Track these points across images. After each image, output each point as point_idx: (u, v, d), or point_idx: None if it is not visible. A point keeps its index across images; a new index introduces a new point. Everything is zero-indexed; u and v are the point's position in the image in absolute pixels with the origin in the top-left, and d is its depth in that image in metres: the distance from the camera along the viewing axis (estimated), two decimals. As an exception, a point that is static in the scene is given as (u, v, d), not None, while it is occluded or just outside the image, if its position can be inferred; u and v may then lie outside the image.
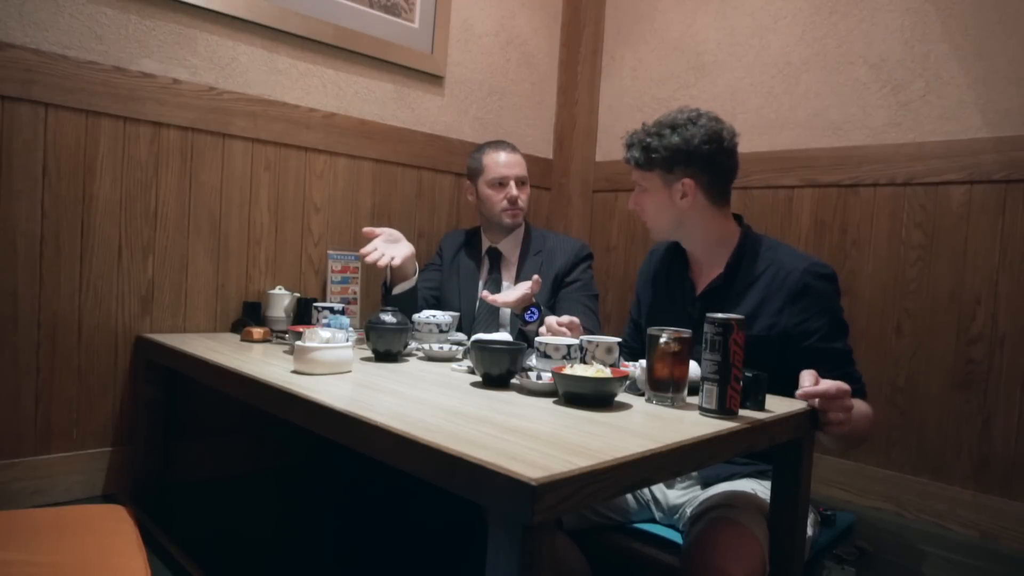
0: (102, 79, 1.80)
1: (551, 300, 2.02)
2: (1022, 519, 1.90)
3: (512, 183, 2.08)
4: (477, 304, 2.11)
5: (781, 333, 1.40)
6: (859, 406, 1.35)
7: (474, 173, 2.16)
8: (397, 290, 1.98)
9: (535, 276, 1.74)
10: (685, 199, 1.48)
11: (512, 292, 1.76)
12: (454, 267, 2.19)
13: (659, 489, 1.44)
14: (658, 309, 1.63)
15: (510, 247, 2.15)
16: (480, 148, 2.19)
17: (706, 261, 1.54)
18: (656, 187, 1.51)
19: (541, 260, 2.09)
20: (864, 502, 2.15)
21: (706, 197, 1.49)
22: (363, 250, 1.86)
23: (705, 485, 1.39)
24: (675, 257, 1.63)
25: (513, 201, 2.07)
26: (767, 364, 1.27)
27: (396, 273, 1.98)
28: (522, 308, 1.75)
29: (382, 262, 1.84)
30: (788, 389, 1.33)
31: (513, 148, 2.16)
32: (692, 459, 1.02)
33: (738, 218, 1.57)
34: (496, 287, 2.11)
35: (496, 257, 2.15)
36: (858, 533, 1.72)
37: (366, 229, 1.93)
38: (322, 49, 2.23)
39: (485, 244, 2.17)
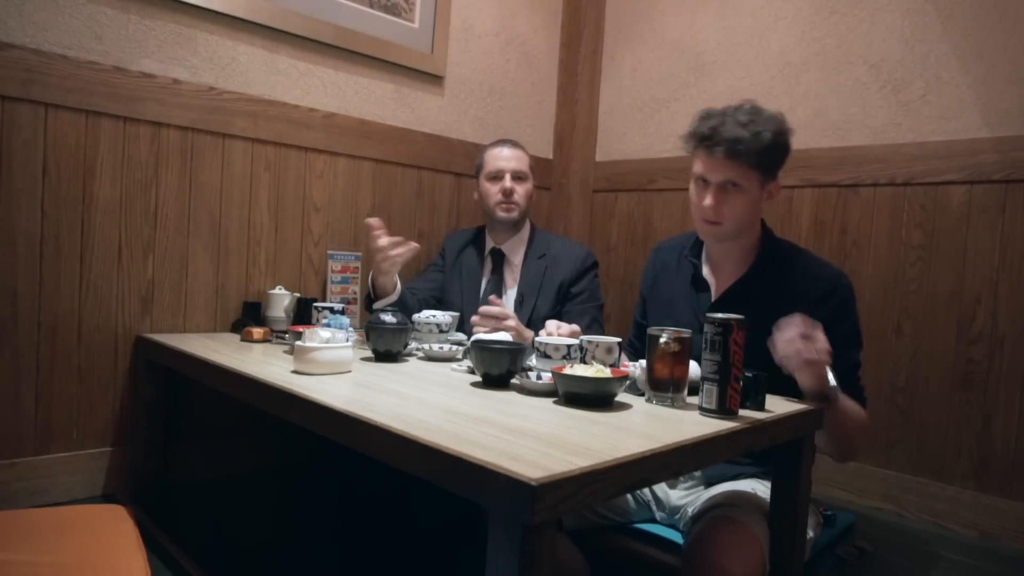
0: (102, 79, 1.80)
1: (556, 308, 2.01)
2: (1022, 519, 1.90)
3: (507, 176, 2.07)
4: (479, 305, 2.10)
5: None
6: (855, 407, 1.36)
7: (478, 170, 2.17)
8: (378, 305, 1.95)
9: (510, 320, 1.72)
10: (769, 200, 1.44)
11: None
12: (457, 267, 2.18)
13: (661, 489, 1.44)
14: (666, 308, 1.59)
15: (514, 248, 2.13)
16: (484, 147, 2.20)
17: (730, 261, 1.49)
18: (752, 185, 1.39)
19: (545, 265, 2.07)
20: (864, 502, 2.15)
21: None
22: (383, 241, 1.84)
23: (708, 485, 1.39)
24: (684, 255, 1.58)
25: (507, 193, 2.05)
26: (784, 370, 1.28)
27: (378, 287, 1.96)
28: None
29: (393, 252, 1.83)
30: (793, 391, 1.33)
31: (515, 145, 2.15)
32: (692, 459, 1.02)
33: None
34: (498, 288, 2.10)
35: (499, 258, 2.14)
36: (858, 533, 1.72)
37: (373, 222, 1.88)
38: (322, 49, 2.23)
39: (489, 244, 2.16)
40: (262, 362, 1.52)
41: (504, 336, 1.56)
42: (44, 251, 1.75)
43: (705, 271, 1.54)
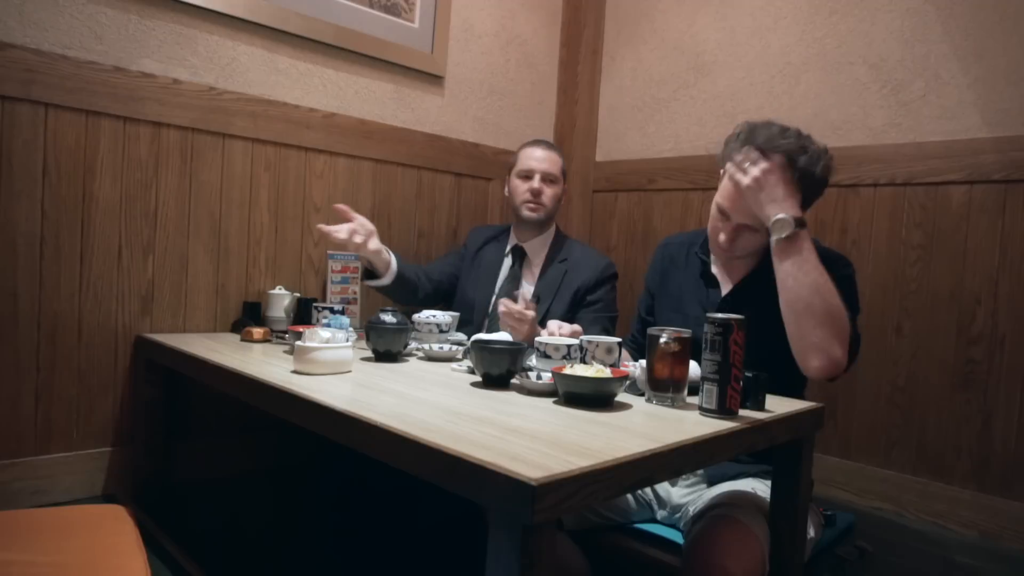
0: (102, 79, 1.80)
1: (568, 314, 1.99)
2: (1022, 519, 1.90)
3: (537, 176, 2.08)
4: (493, 299, 2.10)
5: None
6: (825, 277, 1.29)
7: (510, 167, 2.18)
8: (371, 283, 1.97)
9: (529, 310, 1.69)
10: None
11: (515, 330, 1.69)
12: (477, 260, 2.18)
13: (663, 488, 1.43)
14: (675, 303, 1.58)
15: (536, 248, 2.13)
16: (523, 145, 2.21)
17: (739, 259, 1.49)
18: None
19: (565, 269, 2.07)
20: (864, 502, 2.15)
21: None
22: (332, 229, 1.76)
23: (710, 484, 1.39)
24: (694, 251, 1.58)
25: (535, 193, 2.07)
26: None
27: (372, 267, 1.97)
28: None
29: (355, 239, 1.78)
30: (792, 389, 1.33)
31: (551, 147, 2.16)
32: (692, 459, 1.02)
33: None
34: (515, 284, 2.10)
35: (520, 255, 2.14)
36: (858, 533, 1.72)
37: (341, 207, 1.85)
38: (322, 49, 2.23)
39: (512, 241, 2.17)
40: (262, 362, 1.52)
41: (504, 336, 1.56)
42: (44, 251, 1.75)
43: (715, 268, 1.54)
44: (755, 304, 1.32)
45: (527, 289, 2.07)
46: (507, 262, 2.16)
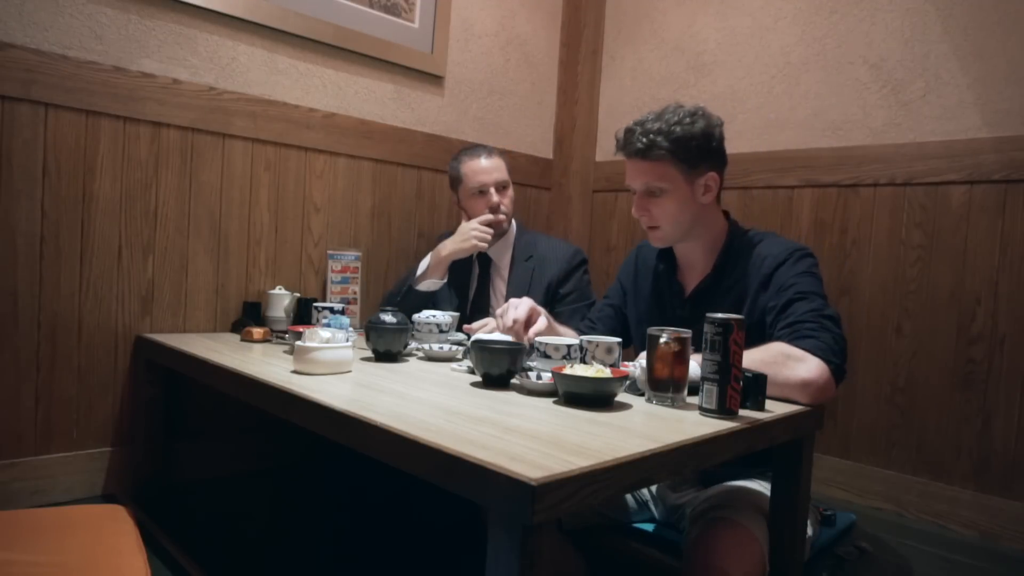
0: (102, 79, 1.80)
1: (546, 310, 1.99)
2: (1022, 519, 1.90)
3: (492, 190, 2.03)
4: (468, 311, 2.08)
5: (759, 318, 1.36)
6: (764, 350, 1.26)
7: (455, 183, 2.11)
8: (423, 286, 1.98)
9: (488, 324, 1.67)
10: (708, 195, 1.42)
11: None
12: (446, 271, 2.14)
13: (661, 488, 1.44)
14: (644, 305, 1.60)
15: (500, 252, 2.11)
16: (457, 157, 2.12)
17: (697, 261, 1.50)
18: (676, 184, 1.40)
19: (532, 267, 2.04)
20: (864, 502, 2.15)
21: (717, 193, 1.45)
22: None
23: (706, 485, 1.39)
24: (662, 259, 1.59)
25: (495, 209, 2.02)
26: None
27: (432, 267, 1.98)
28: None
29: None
30: None
31: (490, 152, 2.09)
32: (692, 459, 1.02)
33: (724, 213, 1.53)
34: (484, 295, 2.08)
35: (486, 262, 2.11)
36: (858, 533, 1.72)
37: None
38: (322, 49, 2.23)
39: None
40: (262, 362, 1.52)
41: (504, 336, 1.56)
42: (44, 251, 1.75)
43: (679, 272, 1.55)
44: (715, 304, 1.33)
45: (499, 289, 2.05)
46: (475, 271, 2.12)
